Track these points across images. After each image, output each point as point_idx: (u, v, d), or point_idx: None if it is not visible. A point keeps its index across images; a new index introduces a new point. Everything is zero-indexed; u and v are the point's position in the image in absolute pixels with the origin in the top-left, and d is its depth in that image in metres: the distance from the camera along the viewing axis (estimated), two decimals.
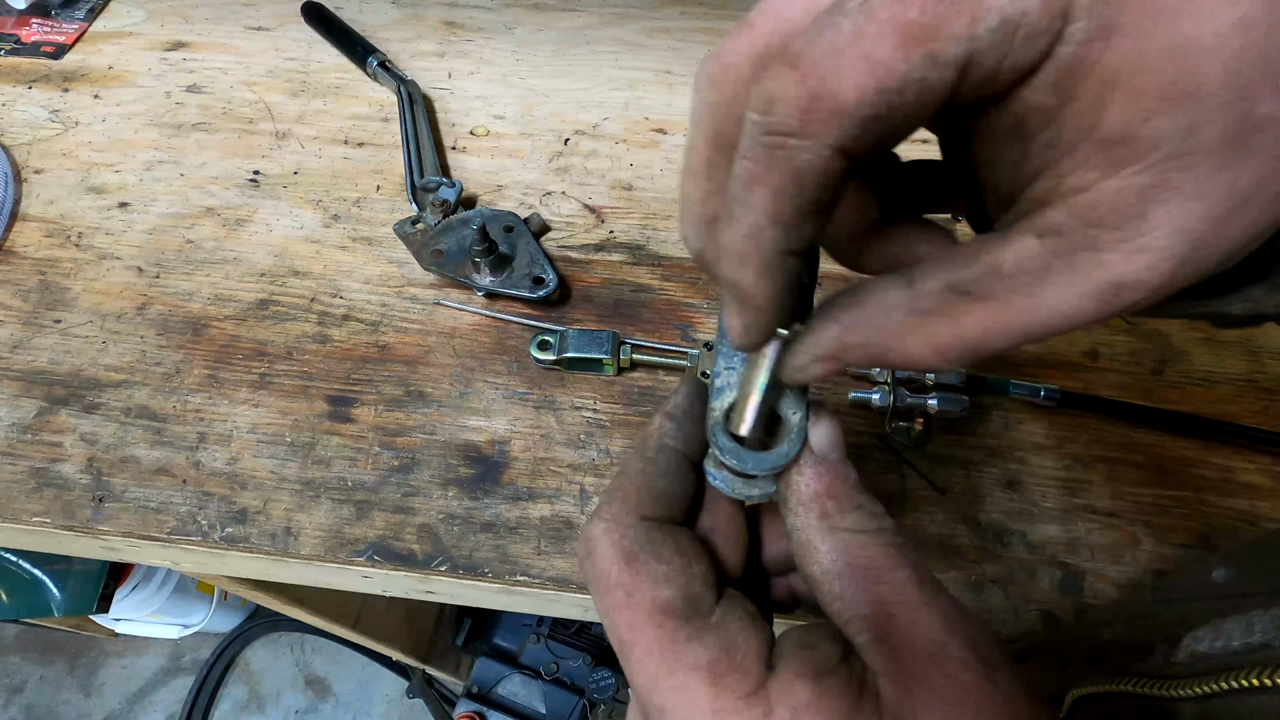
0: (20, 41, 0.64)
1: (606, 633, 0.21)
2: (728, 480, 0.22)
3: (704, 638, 0.19)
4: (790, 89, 0.15)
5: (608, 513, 0.21)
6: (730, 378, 0.22)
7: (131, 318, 0.47)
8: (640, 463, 0.22)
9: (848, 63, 0.14)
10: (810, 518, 0.21)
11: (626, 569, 0.20)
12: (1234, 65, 0.13)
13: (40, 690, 1.29)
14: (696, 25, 0.66)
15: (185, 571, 0.58)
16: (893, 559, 0.20)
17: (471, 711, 1.03)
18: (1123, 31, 0.14)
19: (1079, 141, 0.15)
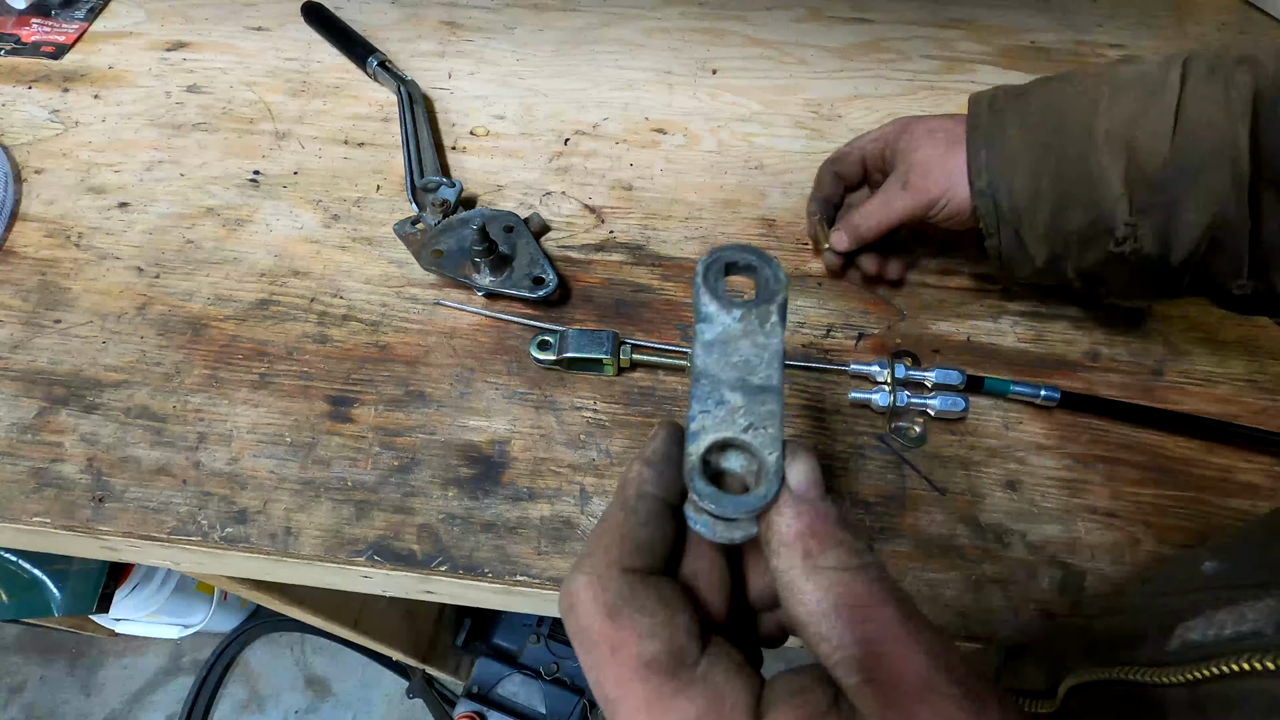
0: (20, 41, 0.64)
1: (591, 689, 0.20)
2: (708, 524, 0.22)
3: (690, 691, 0.19)
4: None
5: (589, 565, 0.21)
6: (705, 420, 0.22)
7: (131, 318, 0.47)
8: (621, 512, 0.23)
9: None
10: (793, 558, 0.21)
11: (610, 624, 0.20)
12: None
13: (40, 690, 1.29)
14: (696, 25, 0.66)
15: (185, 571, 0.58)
16: (877, 595, 0.20)
17: (471, 711, 1.03)
18: None
19: None
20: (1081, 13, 0.67)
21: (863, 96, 0.60)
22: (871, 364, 0.44)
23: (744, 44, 0.65)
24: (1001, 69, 0.62)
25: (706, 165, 0.55)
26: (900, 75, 0.62)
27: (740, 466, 0.22)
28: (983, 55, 0.63)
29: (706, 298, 0.23)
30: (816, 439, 0.42)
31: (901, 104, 0.59)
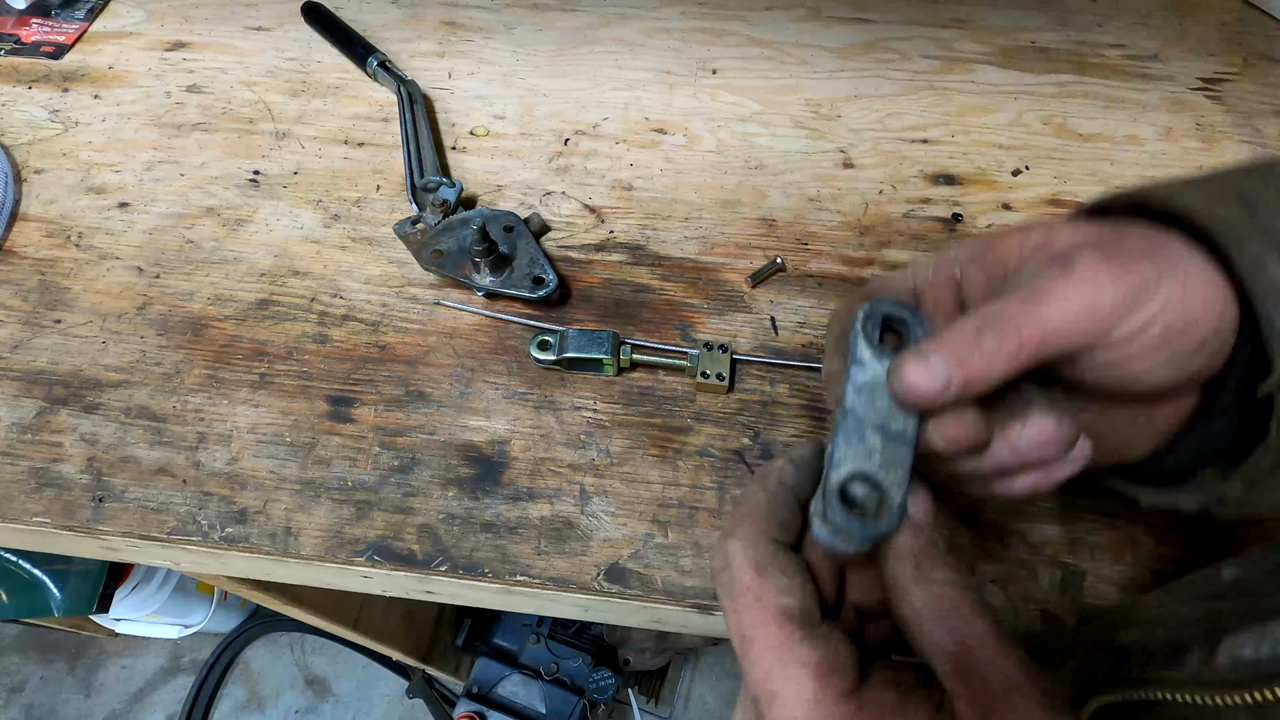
0: (20, 41, 0.64)
1: (730, 630, 0.24)
2: (828, 535, 0.25)
3: (814, 642, 0.23)
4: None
5: (741, 533, 0.26)
6: (848, 452, 0.25)
7: (131, 318, 0.47)
8: (764, 494, 0.27)
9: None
10: (905, 568, 0.24)
11: (757, 578, 0.24)
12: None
13: (40, 690, 1.29)
14: (696, 25, 0.66)
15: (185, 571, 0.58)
16: (974, 610, 0.23)
17: (471, 711, 1.03)
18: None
19: None
20: (1081, 13, 0.67)
21: (863, 96, 0.60)
22: None
23: (744, 44, 0.65)
24: (1001, 69, 0.62)
25: (706, 165, 0.55)
26: (900, 75, 0.62)
27: (864, 494, 0.25)
28: (983, 55, 0.63)
29: (863, 345, 0.25)
30: (816, 439, 0.42)
31: (902, 104, 0.59)
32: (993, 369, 0.23)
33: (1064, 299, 0.23)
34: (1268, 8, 0.67)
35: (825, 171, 0.55)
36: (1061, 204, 0.53)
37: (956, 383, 0.23)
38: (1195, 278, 0.23)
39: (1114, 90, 0.60)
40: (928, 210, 0.53)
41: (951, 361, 0.23)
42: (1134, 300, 0.23)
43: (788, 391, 0.44)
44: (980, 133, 0.57)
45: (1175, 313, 0.23)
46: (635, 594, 0.38)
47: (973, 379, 0.23)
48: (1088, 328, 0.23)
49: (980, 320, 0.24)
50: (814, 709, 0.22)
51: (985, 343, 0.23)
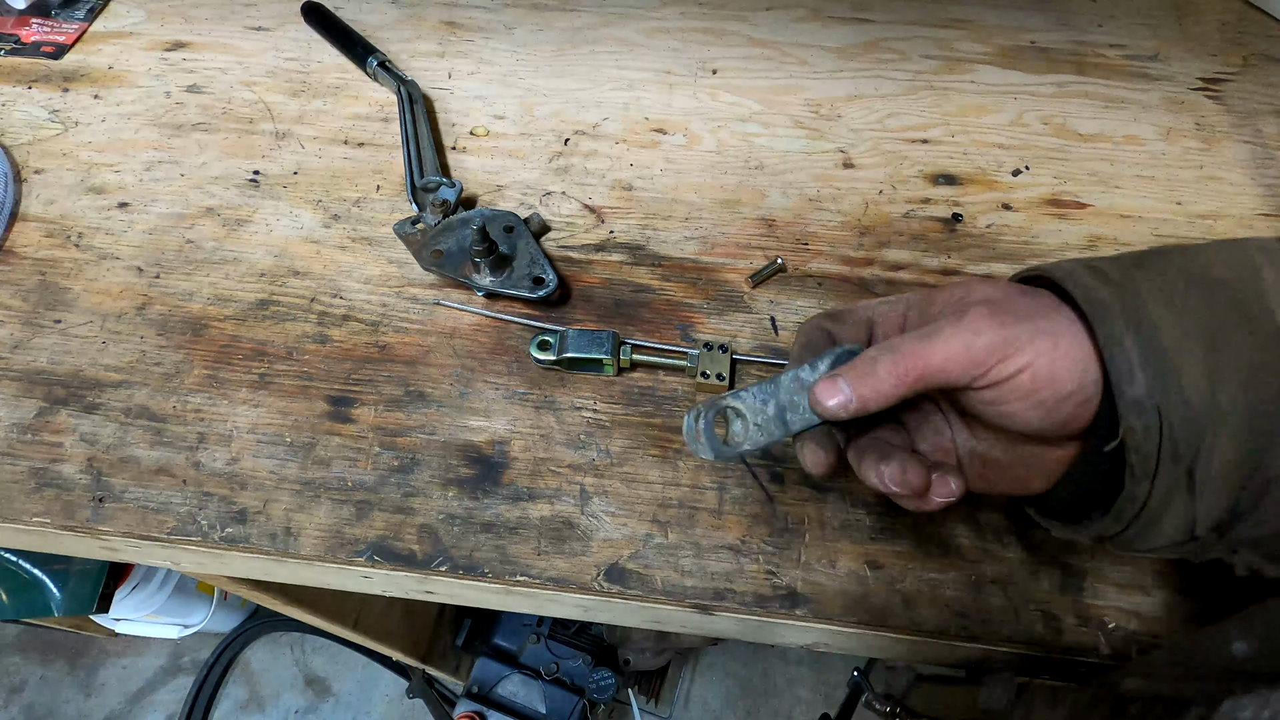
0: (20, 41, 0.64)
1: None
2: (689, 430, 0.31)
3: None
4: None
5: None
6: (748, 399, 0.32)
7: (131, 318, 0.47)
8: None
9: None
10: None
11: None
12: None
13: (40, 690, 1.29)
14: (696, 25, 0.66)
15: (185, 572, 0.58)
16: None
17: (471, 711, 1.03)
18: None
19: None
20: (1081, 13, 0.67)
21: (863, 96, 0.60)
22: None
23: (744, 44, 0.65)
24: (1001, 69, 0.62)
25: (706, 165, 0.55)
26: (900, 75, 0.62)
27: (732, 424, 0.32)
28: (983, 55, 0.63)
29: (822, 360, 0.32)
30: None
31: (902, 104, 0.59)
32: (883, 391, 0.29)
33: (947, 340, 0.28)
34: (1268, 8, 0.67)
35: (825, 171, 0.55)
36: (1061, 204, 0.53)
37: (855, 401, 0.29)
38: (1066, 341, 0.28)
39: (1114, 90, 0.60)
40: (928, 210, 0.53)
41: (854, 384, 0.29)
42: (1005, 349, 0.28)
43: None
44: (980, 133, 0.57)
45: (1043, 366, 0.27)
46: (635, 594, 0.38)
47: (867, 398, 0.29)
48: (964, 366, 0.28)
49: (879, 350, 0.30)
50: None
51: (879, 369, 0.29)
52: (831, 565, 0.39)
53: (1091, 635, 0.37)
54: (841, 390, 0.29)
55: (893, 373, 0.29)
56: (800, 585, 0.38)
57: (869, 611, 0.38)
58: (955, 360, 0.28)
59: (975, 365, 0.28)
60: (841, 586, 0.38)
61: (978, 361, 0.28)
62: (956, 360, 0.28)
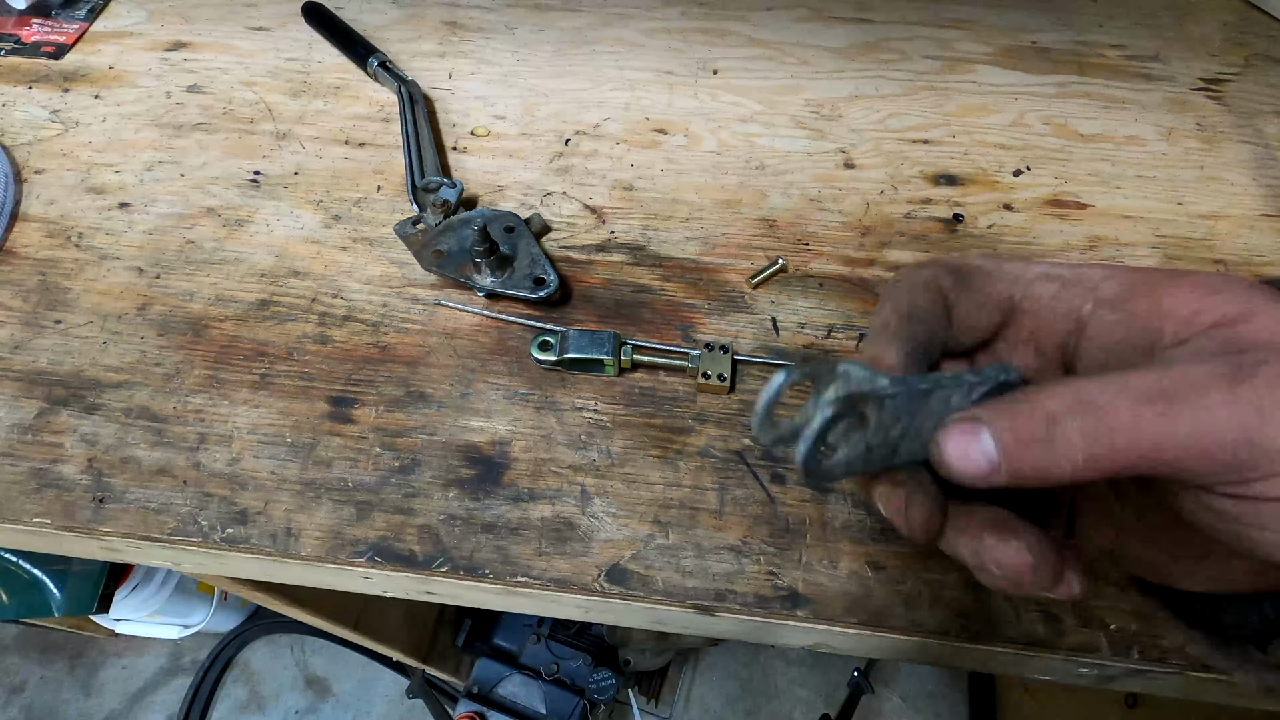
0: (20, 41, 0.64)
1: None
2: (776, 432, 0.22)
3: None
4: None
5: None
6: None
7: (132, 318, 0.47)
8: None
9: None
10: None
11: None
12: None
13: (40, 690, 1.29)
14: (697, 25, 0.66)
15: (185, 572, 0.58)
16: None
17: (472, 712, 1.03)
18: None
19: None
20: (1082, 13, 0.67)
21: (864, 96, 0.60)
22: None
23: (745, 44, 0.65)
24: (1002, 69, 0.62)
25: (707, 166, 0.55)
26: (901, 75, 0.62)
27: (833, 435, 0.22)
28: (984, 55, 0.63)
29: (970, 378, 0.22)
30: None
31: (903, 104, 0.59)
32: (1058, 471, 0.18)
33: (1214, 414, 0.16)
34: (1268, 8, 0.67)
35: (826, 172, 0.55)
36: (1062, 204, 0.53)
37: (1003, 475, 0.18)
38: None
39: (1115, 91, 0.60)
40: (929, 211, 0.53)
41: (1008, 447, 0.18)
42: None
43: (789, 392, 0.44)
44: (981, 133, 0.57)
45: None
46: (636, 595, 0.38)
47: (1025, 475, 0.18)
48: (1226, 461, 0.16)
49: (1070, 404, 0.18)
50: None
51: (1064, 437, 0.17)
52: (833, 566, 0.39)
53: (1093, 636, 0.37)
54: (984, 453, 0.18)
55: (1086, 449, 0.17)
56: (801, 586, 0.38)
57: (870, 612, 0.37)
58: (1217, 451, 0.16)
59: (1246, 466, 0.16)
60: (843, 587, 0.38)
61: (1252, 461, 0.16)
62: (1219, 451, 0.16)
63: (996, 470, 0.18)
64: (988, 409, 0.19)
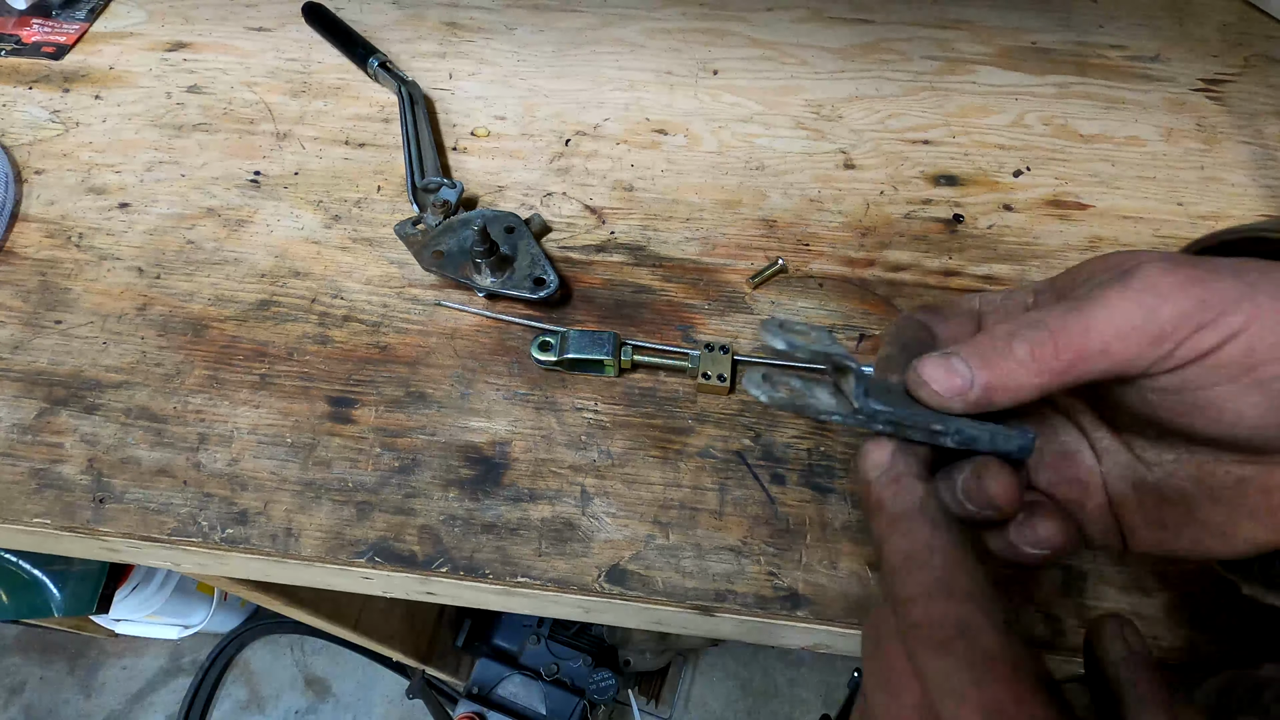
0: (21, 42, 0.64)
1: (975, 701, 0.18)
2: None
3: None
4: None
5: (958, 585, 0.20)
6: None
7: (132, 318, 0.47)
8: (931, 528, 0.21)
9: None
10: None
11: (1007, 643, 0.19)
12: None
13: (40, 690, 1.29)
14: (697, 25, 0.66)
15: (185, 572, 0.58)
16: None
17: (472, 712, 1.03)
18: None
19: None
20: (1082, 13, 0.67)
21: (864, 97, 0.60)
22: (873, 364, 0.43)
23: (745, 44, 0.65)
24: (1002, 70, 0.62)
25: (707, 166, 0.55)
26: (901, 76, 0.62)
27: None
28: (983, 56, 0.63)
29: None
30: (817, 440, 0.42)
31: (903, 104, 0.59)
32: (1021, 377, 0.21)
33: (1114, 306, 0.20)
34: (1268, 8, 0.67)
35: (826, 172, 0.55)
36: (1063, 205, 0.53)
37: (979, 385, 0.21)
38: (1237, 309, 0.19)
39: (1115, 91, 0.60)
40: (929, 211, 0.53)
41: (976, 363, 0.21)
42: (1204, 312, 0.19)
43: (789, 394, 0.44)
44: (981, 133, 0.57)
45: (1261, 332, 0.19)
46: (636, 595, 0.38)
47: (996, 385, 0.21)
48: (1143, 341, 0.20)
49: (1015, 325, 0.22)
50: None
51: (1016, 348, 0.21)
52: (833, 566, 0.39)
53: None
54: (955, 368, 0.22)
55: (1036, 356, 0.21)
56: (801, 586, 0.38)
57: (870, 612, 0.37)
58: (1130, 334, 0.20)
59: (1160, 339, 0.20)
60: (843, 588, 0.38)
61: (1164, 334, 0.20)
62: (1133, 334, 0.20)
63: (969, 385, 0.22)
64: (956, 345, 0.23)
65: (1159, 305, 0.20)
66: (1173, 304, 0.20)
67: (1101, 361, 0.21)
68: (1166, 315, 0.20)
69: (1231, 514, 0.22)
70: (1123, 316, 0.20)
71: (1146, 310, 0.20)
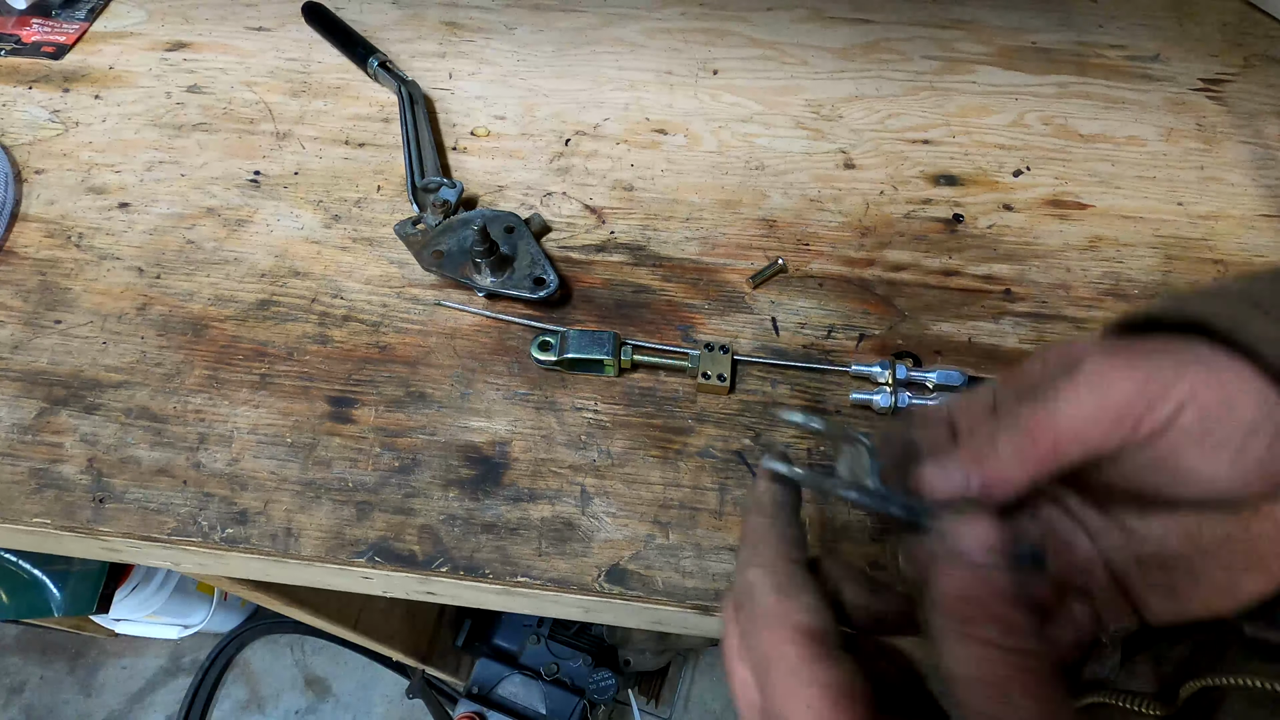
0: (21, 42, 0.64)
1: (747, 659, 0.23)
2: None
3: (831, 665, 0.21)
4: None
5: (758, 559, 0.24)
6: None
7: (132, 318, 0.47)
8: (766, 519, 0.26)
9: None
10: (946, 619, 0.21)
11: (779, 600, 0.23)
12: None
13: (40, 690, 1.29)
14: (696, 25, 0.66)
15: (185, 572, 0.58)
16: (1020, 682, 0.20)
17: (472, 712, 1.03)
18: None
19: None
20: (1082, 13, 0.67)
21: (864, 97, 0.60)
22: (873, 365, 0.44)
23: (745, 44, 0.65)
24: (1002, 69, 0.62)
25: (707, 166, 0.55)
26: (901, 75, 0.62)
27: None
28: (983, 56, 0.63)
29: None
30: (816, 441, 0.42)
31: (902, 104, 0.59)
32: (1011, 471, 0.23)
33: (1072, 398, 0.23)
34: (1268, 8, 0.67)
35: (826, 172, 0.55)
36: (1062, 204, 0.53)
37: (975, 484, 0.24)
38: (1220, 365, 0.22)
39: (1115, 91, 0.60)
40: (929, 211, 0.53)
41: (969, 465, 0.24)
42: (1151, 391, 0.22)
43: (789, 392, 0.44)
44: (981, 133, 0.57)
45: (1208, 397, 0.22)
46: (636, 595, 0.38)
47: (992, 481, 0.23)
48: (1106, 424, 0.22)
49: (995, 425, 0.24)
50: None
51: (1001, 447, 0.23)
52: None
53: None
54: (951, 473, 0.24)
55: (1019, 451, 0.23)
56: None
57: None
58: (1092, 419, 0.22)
59: (1119, 419, 0.22)
60: None
61: (1120, 414, 0.22)
62: (1093, 418, 0.22)
63: (967, 484, 0.24)
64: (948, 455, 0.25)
65: (1109, 390, 0.22)
66: (1120, 387, 0.22)
67: (1076, 447, 0.23)
68: (1118, 397, 0.22)
69: (1229, 570, 0.24)
70: (1084, 406, 0.23)
71: (1099, 395, 0.22)
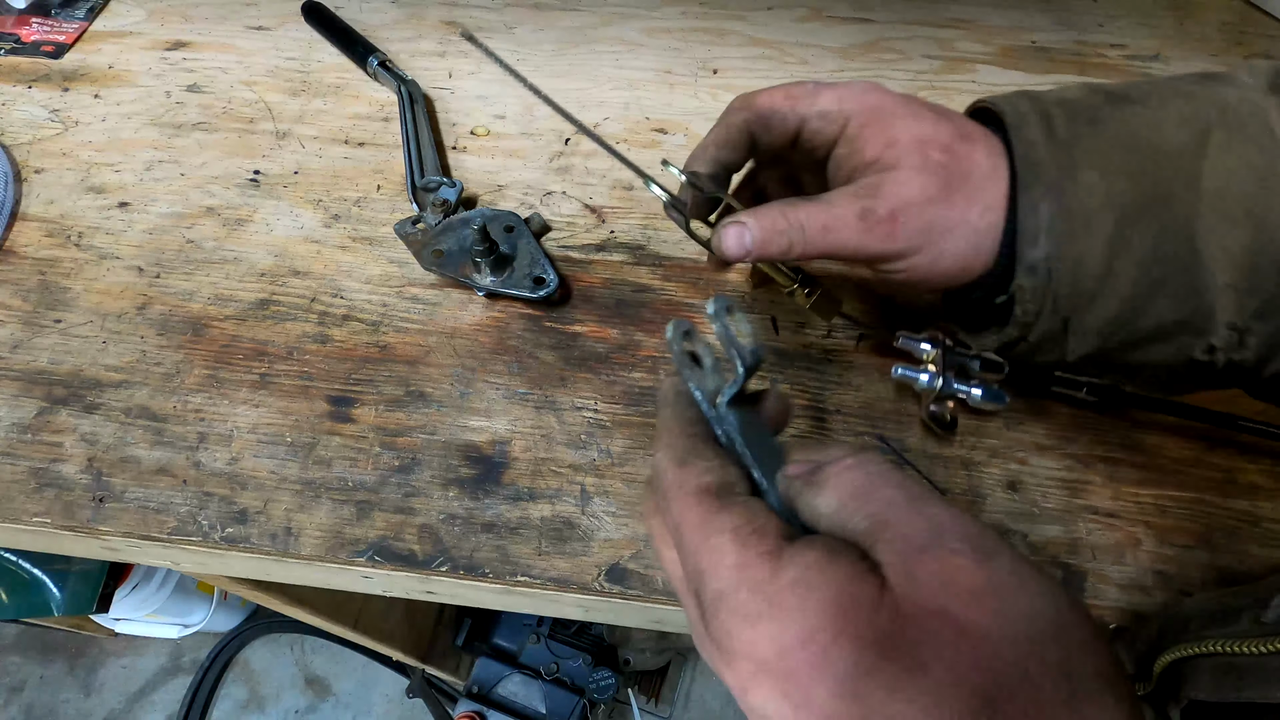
0: (20, 41, 0.64)
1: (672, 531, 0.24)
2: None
3: (732, 509, 0.23)
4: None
5: (662, 443, 0.26)
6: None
7: (132, 318, 0.47)
8: (668, 409, 0.28)
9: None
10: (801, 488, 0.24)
11: (679, 470, 0.25)
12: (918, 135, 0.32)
13: (40, 690, 1.29)
14: (696, 25, 0.66)
15: (185, 571, 0.58)
16: (875, 484, 0.22)
17: (471, 711, 1.03)
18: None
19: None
20: (1082, 13, 0.67)
21: None
22: (920, 340, 0.41)
23: (745, 44, 0.65)
24: (1002, 69, 0.62)
25: None
26: (901, 75, 0.62)
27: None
28: (983, 55, 0.63)
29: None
30: (818, 439, 0.42)
31: None
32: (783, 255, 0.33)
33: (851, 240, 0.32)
34: (1268, 7, 0.67)
35: None
36: None
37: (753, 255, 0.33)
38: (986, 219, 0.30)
39: None
40: None
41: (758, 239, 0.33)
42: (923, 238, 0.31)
43: (789, 391, 0.44)
44: None
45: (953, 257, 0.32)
46: (636, 594, 0.38)
47: (767, 255, 0.33)
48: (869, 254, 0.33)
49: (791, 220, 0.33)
50: (738, 573, 0.21)
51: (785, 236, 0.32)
52: None
53: None
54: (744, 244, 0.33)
55: (798, 243, 0.32)
56: None
57: None
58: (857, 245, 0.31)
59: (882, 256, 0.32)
60: None
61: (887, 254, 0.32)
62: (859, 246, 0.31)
63: (749, 252, 0.33)
64: (748, 215, 0.33)
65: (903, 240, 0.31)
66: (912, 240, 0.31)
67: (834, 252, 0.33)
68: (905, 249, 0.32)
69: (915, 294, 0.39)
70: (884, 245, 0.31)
71: (899, 248, 0.31)
